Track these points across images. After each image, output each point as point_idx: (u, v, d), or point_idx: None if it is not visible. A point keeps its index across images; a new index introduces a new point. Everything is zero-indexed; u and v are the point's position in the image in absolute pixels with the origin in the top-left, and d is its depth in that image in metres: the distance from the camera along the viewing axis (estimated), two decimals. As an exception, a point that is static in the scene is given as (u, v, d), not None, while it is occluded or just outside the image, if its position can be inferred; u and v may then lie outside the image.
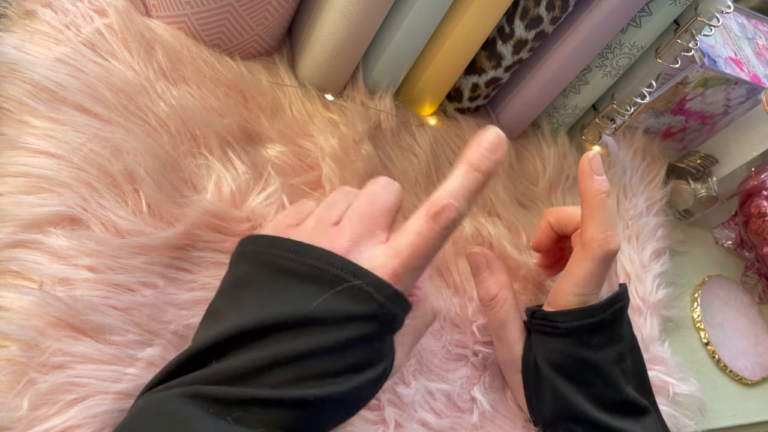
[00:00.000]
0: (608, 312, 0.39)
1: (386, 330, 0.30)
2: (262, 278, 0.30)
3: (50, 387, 0.28)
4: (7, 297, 0.29)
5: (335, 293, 0.28)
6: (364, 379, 0.28)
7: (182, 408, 0.25)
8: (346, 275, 0.28)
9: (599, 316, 0.38)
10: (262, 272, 0.30)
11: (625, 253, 0.56)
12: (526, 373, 0.41)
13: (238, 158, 0.39)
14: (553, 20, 0.43)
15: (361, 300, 0.28)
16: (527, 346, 0.41)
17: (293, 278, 0.29)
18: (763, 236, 0.65)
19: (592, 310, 0.38)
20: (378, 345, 0.29)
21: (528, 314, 0.42)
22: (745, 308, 0.66)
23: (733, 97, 0.63)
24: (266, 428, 0.26)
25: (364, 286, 0.28)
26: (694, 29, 0.47)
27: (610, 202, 0.39)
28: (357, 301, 0.28)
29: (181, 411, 0.25)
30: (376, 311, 0.28)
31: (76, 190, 0.32)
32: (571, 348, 0.39)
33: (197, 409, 0.25)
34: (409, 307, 0.30)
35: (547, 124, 0.56)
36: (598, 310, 0.38)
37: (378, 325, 0.29)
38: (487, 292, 0.42)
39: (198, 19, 0.39)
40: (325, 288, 0.28)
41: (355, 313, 0.28)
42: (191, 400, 0.26)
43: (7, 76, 0.33)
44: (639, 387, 0.40)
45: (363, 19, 0.39)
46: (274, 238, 0.31)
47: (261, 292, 0.29)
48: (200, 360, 0.28)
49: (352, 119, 0.44)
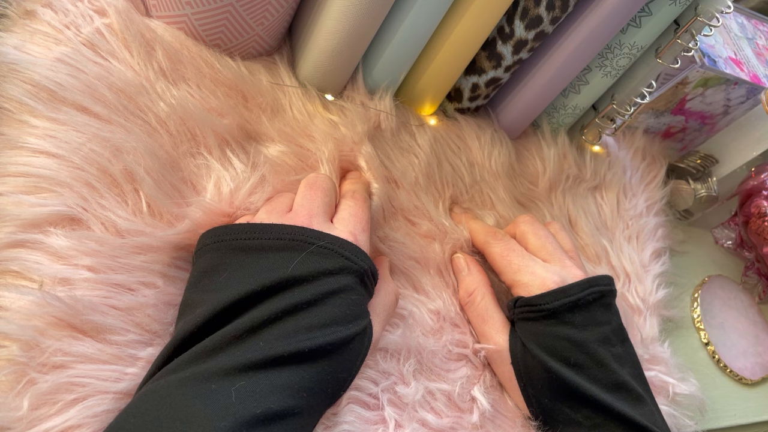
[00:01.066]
0: (584, 292, 0.41)
1: (359, 284, 0.33)
2: (230, 261, 0.32)
3: (50, 387, 0.28)
4: (7, 297, 0.29)
5: (307, 254, 0.32)
6: (350, 332, 0.31)
7: (183, 392, 0.25)
8: (313, 239, 0.32)
9: (576, 295, 0.40)
10: (230, 256, 0.32)
11: (625, 253, 0.56)
12: (516, 363, 0.41)
13: (238, 158, 0.39)
14: (553, 20, 0.43)
15: (329, 257, 0.32)
16: (512, 337, 0.42)
17: (264, 252, 0.32)
18: (763, 236, 0.65)
19: (569, 288, 0.41)
20: (355, 299, 0.33)
21: (510, 306, 0.43)
22: (745, 308, 0.66)
23: (733, 97, 0.63)
24: (272, 393, 0.27)
25: (328, 245, 0.33)
26: (694, 29, 0.47)
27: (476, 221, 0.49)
28: (326, 258, 0.32)
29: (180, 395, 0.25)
30: (344, 264, 0.33)
31: (76, 190, 0.32)
32: (556, 328, 0.40)
33: (198, 391, 0.25)
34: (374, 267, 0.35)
35: (547, 124, 0.56)
36: (574, 288, 0.41)
37: (350, 278, 0.33)
38: (466, 290, 0.45)
39: (198, 19, 0.39)
40: (297, 253, 0.32)
41: (327, 268, 0.32)
42: (192, 383, 0.26)
43: (7, 76, 0.33)
44: (635, 376, 0.40)
45: (363, 19, 0.39)
46: (233, 225, 0.34)
47: (234, 271, 0.31)
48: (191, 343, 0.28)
49: (352, 119, 0.44)
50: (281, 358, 0.28)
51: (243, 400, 0.26)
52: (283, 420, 0.27)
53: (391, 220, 0.45)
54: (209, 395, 0.25)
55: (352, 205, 0.38)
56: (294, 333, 0.29)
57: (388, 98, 0.46)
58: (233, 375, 0.26)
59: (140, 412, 0.25)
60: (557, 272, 0.42)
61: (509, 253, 0.44)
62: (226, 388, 0.26)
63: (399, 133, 0.47)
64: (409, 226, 0.46)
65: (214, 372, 0.26)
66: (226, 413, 0.25)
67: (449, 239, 0.47)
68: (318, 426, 0.34)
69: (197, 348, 0.28)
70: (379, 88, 0.46)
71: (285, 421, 0.27)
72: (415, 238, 0.45)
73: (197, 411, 0.24)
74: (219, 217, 0.37)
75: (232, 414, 0.25)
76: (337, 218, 0.37)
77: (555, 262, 0.43)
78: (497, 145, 0.52)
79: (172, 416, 0.24)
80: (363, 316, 0.33)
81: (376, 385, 0.38)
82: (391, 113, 0.46)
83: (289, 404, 0.27)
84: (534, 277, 0.42)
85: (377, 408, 0.37)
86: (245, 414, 0.25)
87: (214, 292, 0.30)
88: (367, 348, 0.34)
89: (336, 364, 0.31)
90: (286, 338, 0.28)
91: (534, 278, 0.42)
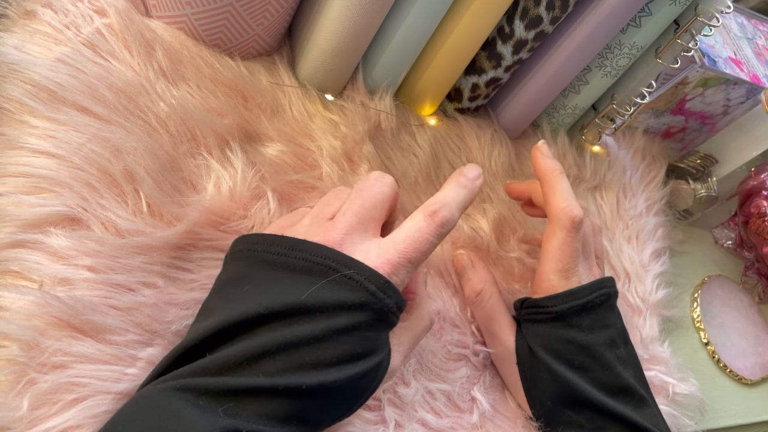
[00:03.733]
0: (593, 294, 0.40)
1: (379, 321, 0.30)
2: (255, 274, 0.30)
3: (50, 387, 0.28)
4: (7, 297, 0.29)
5: (326, 283, 0.28)
6: (358, 370, 0.28)
7: (172, 401, 0.25)
8: (338, 266, 0.29)
9: (585, 298, 0.39)
10: (256, 268, 0.30)
11: (625, 253, 0.56)
12: (521, 363, 0.41)
13: (238, 158, 0.39)
14: (553, 20, 0.43)
15: (351, 289, 0.29)
16: (519, 338, 0.42)
17: (286, 271, 0.29)
18: (762, 236, 0.65)
19: (578, 291, 0.40)
20: (371, 336, 0.29)
21: (517, 306, 0.43)
22: (745, 308, 0.66)
23: (733, 97, 0.63)
24: (259, 418, 0.26)
25: (354, 275, 0.29)
26: (694, 29, 0.47)
27: (565, 178, 0.42)
28: (347, 290, 0.29)
29: (170, 404, 0.25)
30: (366, 300, 0.29)
31: (76, 190, 0.32)
32: (562, 331, 0.39)
33: (187, 401, 0.25)
34: (403, 301, 0.31)
35: (547, 124, 0.56)
36: (583, 291, 0.40)
37: (370, 314, 0.29)
38: (473, 289, 0.44)
39: (198, 19, 0.39)
40: (317, 279, 0.28)
41: (345, 301, 0.28)
42: (182, 393, 0.26)
43: (7, 76, 0.33)
44: (638, 378, 0.40)
45: (363, 19, 0.39)
46: (268, 235, 0.32)
47: (254, 286, 0.29)
48: (194, 353, 0.28)
49: (352, 119, 0.44)
50: (275, 390, 0.26)
51: (230, 419, 0.25)
52: None
53: (391, 220, 0.45)
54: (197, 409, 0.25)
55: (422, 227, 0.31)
56: (294, 369, 0.27)
57: (388, 98, 0.46)
58: (224, 396, 0.26)
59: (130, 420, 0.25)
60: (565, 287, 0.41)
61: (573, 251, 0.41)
62: (214, 408, 0.25)
63: (399, 132, 0.47)
64: (409, 226, 0.46)
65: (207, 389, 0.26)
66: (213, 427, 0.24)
67: (449, 239, 0.47)
68: (318, 426, 0.34)
69: (197, 365, 0.27)
70: (379, 88, 0.46)
71: None
72: (415, 238, 0.45)
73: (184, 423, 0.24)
74: (219, 217, 0.37)
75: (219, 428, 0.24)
76: (391, 235, 0.31)
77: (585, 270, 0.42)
78: (497, 145, 0.52)
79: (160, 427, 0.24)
80: (379, 351, 0.30)
81: (376, 385, 0.38)
82: (391, 113, 0.46)
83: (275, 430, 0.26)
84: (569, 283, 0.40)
85: (377, 408, 0.37)
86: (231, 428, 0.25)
87: (230, 303, 0.29)
88: (380, 380, 0.31)
89: (337, 400, 0.29)
90: (284, 373, 0.27)
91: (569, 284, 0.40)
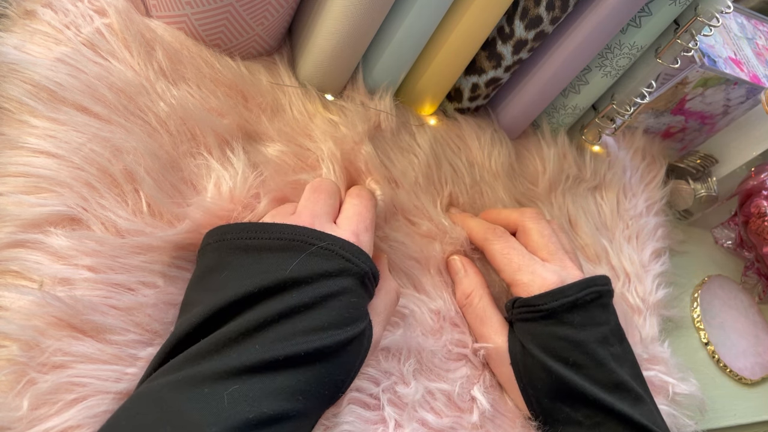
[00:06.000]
0: (583, 292, 0.40)
1: (360, 287, 0.33)
2: (232, 260, 0.32)
3: (50, 387, 0.28)
4: (7, 297, 0.29)
5: (306, 256, 0.31)
6: (348, 335, 0.31)
7: (174, 394, 0.25)
8: (313, 240, 0.32)
9: (575, 295, 0.40)
10: (231, 255, 0.32)
11: (625, 253, 0.56)
12: (515, 363, 0.41)
13: (238, 158, 0.39)
14: (553, 20, 0.43)
15: (330, 258, 0.32)
16: (512, 338, 0.42)
17: (264, 252, 0.32)
18: (762, 236, 0.65)
19: (567, 289, 0.40)
20: (355, 302, 0.32)
21: (508, 307, 0.43)
22: (745, 308, 0.66)
23: (733, 97, 0.63)
24: (266, 397, 0.26)
25: (329, 245, 0.32)
26: (694, 29, 0.47)
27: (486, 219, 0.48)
28: (326, 260, 0.32)
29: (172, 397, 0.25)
30: (345, 266, 0.32)
31: (76, 190, 0.32)
32: (555, 328, 0.40)
33: (189, 394, 0.25)
34: (377, 270, 0.35)
35: (547, 124, 0.56)
36: (572, 288, 0.41)
37: (350, 280, 0.32)
38: (463, 292, 0.45)
39: (198, 19, 0.39)
40: (296, 254, 0.31)
41: (327, 270, 0.31)
42: (183, 386, 0.26)
43: (7, 76, 0.33)
44: (634, 376, 0.40)
45: (363, 19, 0.39)
46: (235, 224, 0.34)
47: (233, 271, 0.31)
48: (187, 343, 0.28)
49: (352, 119, 0.44)
50: (276, 361, 0.27)
51: (235, 405, 0.25)
52: (277, 424, 0.26)
53: (391, 220, 0.45)
54: (201, 399, 0.25)
55: (356, 203, 0.38)
56: (290, 336, 0.28)
57: (388, 98, 0.46)
58: (226, 379, 0.26)
59: (132, 414, 0.25)
60: (557, 272, 0.42)
61: (509, 251, 0.44)
62: (219, 392, 0.25)
63: (399, 133, 0.47)
64: (409, 226, 0.46)
65: (207, 375, 0.26)
66: (218, 418, 0.25)
67: (449, 239, 0.47)
68: (318, 426, 0.34)
69: (192, 350, 0.27)
70: (379, 88, 0.46)
71: (279, 425, 0.27)
72: (415, 238, 0.45)
73: (189, 416, 0.24)
74: (219, 217, 0.37)
75: (224, 419, 0.25)
76: (341, 217, 0.37)
77: (555, 261, 0.43)
78: (497, 145, 0.52)
79: (163, 420, 0.24)
80: (362, 318, 0.33)
81: (377, 385, 0.38)
82: (391, 113, 0.46)
83: (283, 408, 0.27)
84: (534, 276, 0.42)
85: (377, 408, 0.37)
86: (238, 419, 0.25)
87: (212, 291, 0.30)
88: (367, 349, 0.33)
89: (333, 366, 0.30)
90: (281, 341, 0.28)
91: (534, 278, 0.42)
